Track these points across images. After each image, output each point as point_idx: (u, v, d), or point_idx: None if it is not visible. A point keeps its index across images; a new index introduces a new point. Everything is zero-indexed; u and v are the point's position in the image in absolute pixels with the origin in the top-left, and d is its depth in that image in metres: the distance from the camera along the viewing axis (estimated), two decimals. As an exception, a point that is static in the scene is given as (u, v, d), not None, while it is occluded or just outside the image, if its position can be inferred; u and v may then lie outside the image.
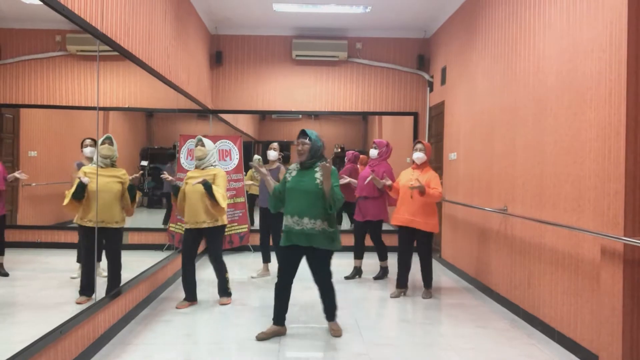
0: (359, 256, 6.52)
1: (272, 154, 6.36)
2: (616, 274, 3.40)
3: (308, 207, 4.14)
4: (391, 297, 5.55)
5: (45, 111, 3.58)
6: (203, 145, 5.07)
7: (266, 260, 6.55)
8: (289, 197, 4.22)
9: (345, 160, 7.85)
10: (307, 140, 4.25)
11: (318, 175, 4.17)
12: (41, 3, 3.05)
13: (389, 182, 5.66)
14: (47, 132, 3.70)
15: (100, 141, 4.09)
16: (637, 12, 3.33)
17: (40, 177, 3.59)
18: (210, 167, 5.11)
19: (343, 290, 5.83)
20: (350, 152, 7.95)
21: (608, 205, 3.48)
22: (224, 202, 4.97)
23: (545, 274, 4.45)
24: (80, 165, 4.08)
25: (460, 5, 6.85)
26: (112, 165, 4.27)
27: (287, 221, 4.21)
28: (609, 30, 3.50)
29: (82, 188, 3.89)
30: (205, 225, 5.03)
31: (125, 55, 4.47)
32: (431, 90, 8.40)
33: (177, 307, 5.04)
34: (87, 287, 3.89)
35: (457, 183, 6.86)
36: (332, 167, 4.16)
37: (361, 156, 8.22)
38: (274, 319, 4.35)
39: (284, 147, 6.52)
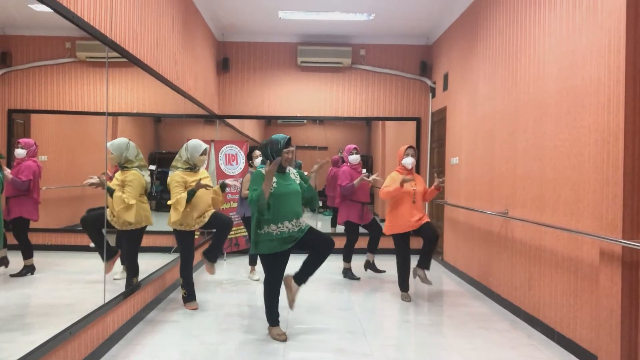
0: (374, 251, 6.82)
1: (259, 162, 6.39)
2: (614, 276, 3.44)
3: (299, 206, 4.37)
4: (406, 301, 5.57)
5: (55, 116, 3.59)
6: (205, 154, 5.24)
7: (254, 263, 6.60)
8: (281, 202, 4.21)
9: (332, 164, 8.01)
10: (294, 149, 4.42)
11: (293, 176, 4.43)
12: (51, 11, 3.12)
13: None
14: (57, 137, 3.72)
15: None
16: (635, 19, 3.37)
17: (51, 181, 3.61)
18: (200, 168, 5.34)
19: (346, 292, 5.91)
20: (336, 156, 8.07)
21: (607, 208, 3.52)
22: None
23: (545, 276, 4.50)
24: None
25: (462, 12, 6.92)
26: (124, 168, 4.45)
27: (284, 227, 4.21)
28: (608, 36, 3.54)
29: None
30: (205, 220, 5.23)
31: (133, 61, 4.54)
32: (433, 96, 8.47)
33: (194, 309, 5.14)
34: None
35: (459, 187, 6.92)
36: (297, 169, 4.59)
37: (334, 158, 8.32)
38: (274, 322, 4.41)
39: None
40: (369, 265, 6.83)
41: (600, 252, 3.60)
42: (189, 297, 5.21)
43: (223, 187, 5.33)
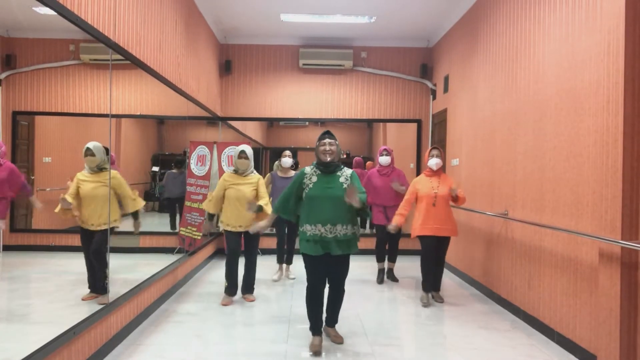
0: (393, 260, 6.74)
1: (288, 161, 6.48)
2: (614, 277, 3.46)
3: (341, 213, 3.96)
4: (423, 304, 5.45)
5: (59, 118, 3.62)
6: (247, 158, 5.37)
7: (282, 262, 6.74)
8: (316, 204, 3.97)
9: (353, 166, 8.04)
10: (334, 141, 4.05)
11: (342, 179, 4.03)
12: (55, 13, 3.14)
13: (403, 188, 6.00)
14: (61, 138, 3.74)
15: (83, 153, 4.01)
16: (634, 22, 3.38)
17: (55, 182, 3.64)
18: (251, 174, 5.45)
19: (348, 292, 5.91)
20: (359, 158, 8.14)
21: (606, 209, 3.54)
22: (269, 211, 5.22)
23: (544, 277, 4.53)
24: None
25: (462, 15, 6.96)
26: (101, 170, 4.09)
27: (317, 230, 3.95)
28: (607, 39, 3.56)
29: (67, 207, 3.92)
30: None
31: (137, 64, 4.57)
32: (434, 98, 8.50)
33: (223, 304, 5.36)
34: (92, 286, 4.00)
35: (459, 188, 6.92)
36: (352, 170, 4.17)
37: (367, 163, 8.40)
38: (313, 330, 4.17)
39: (292, 154, 6.60)
40: (389, 273, 6.73)
41: (600, 252, 3.62)
42: (228, 289, 5.47)
43: (259, 209, 5.37)
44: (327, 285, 4.25)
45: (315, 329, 4.14)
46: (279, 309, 5.22)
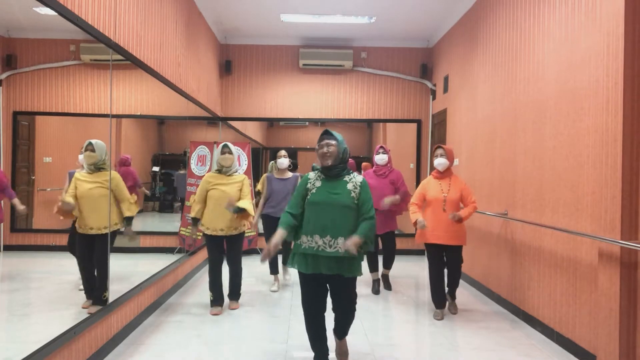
0: (388, 266, 6.24)
1: (284, 162, 5.98)
2: (613, 277, 3.46)
3: (344, 225, 3.40)
4: (436, 319, 4.97)
5: (59, 118, 3.62)
6: (230, 152, 5.09)
7: (276, 272, 6.21)
8: (317, 212, 3.42)
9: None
10: (332, 142, 3.47)
11: (350, 186, 3.47)
12: (56, 14, 3.16)
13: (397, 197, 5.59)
14: (62, 138, 3.74)
15: (83, 148, 3.93)
16: (633, 22, 3.39)
17: (55, 182, 3.64)
18: (235, 173, 5.17)
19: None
20: (351, 160, 8.08)
21: (605, 209, 3.54)
22: (252, 212, 5.08)
23: (544, 277, 4.53)
24: (71, 175, 3.94)
25: (462, 15, 6.97)
26: (99, 170, 4.01)
27: (313, 242, 3.40)
28: (606, 39, 3.57)
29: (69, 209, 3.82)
30: (233, 232, 5.10)
31: (137, 64, 4.58)
32: (434, 98, 8.51)
33: (212, 314, 5.03)
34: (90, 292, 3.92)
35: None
36: (363, 178, 3.60)
37: (364, 164, 8.35)
38: (315, 354, 3.67)
39: (292, 154, 6.36)
40: (383, 279, 6.30)
41: (599, 252, 3.63)
42: (213, 301, 5.13)
43: (239, 210, 4.94)
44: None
45: (316, 353, 3.64)
46: (279, 309, 5.22)
